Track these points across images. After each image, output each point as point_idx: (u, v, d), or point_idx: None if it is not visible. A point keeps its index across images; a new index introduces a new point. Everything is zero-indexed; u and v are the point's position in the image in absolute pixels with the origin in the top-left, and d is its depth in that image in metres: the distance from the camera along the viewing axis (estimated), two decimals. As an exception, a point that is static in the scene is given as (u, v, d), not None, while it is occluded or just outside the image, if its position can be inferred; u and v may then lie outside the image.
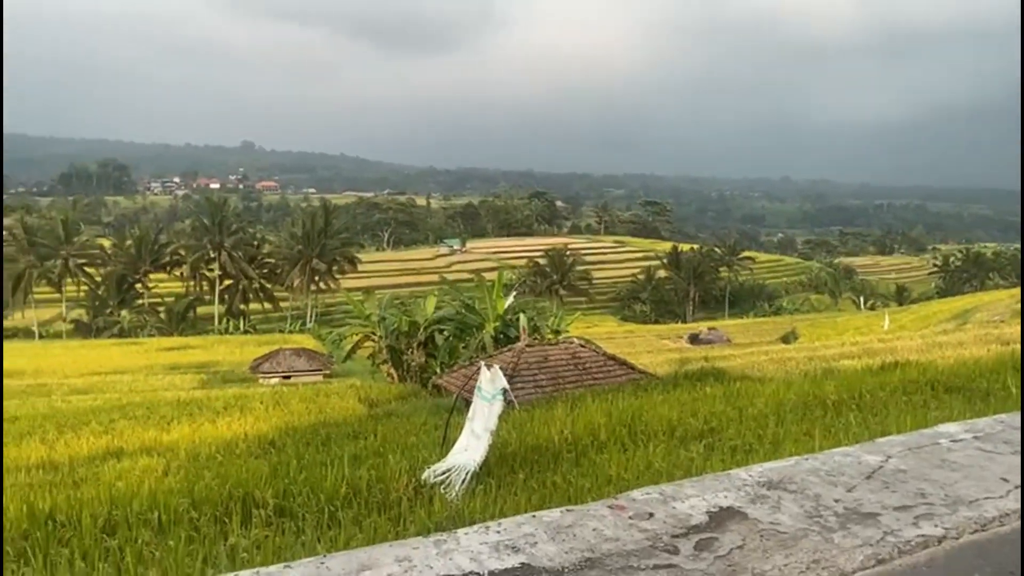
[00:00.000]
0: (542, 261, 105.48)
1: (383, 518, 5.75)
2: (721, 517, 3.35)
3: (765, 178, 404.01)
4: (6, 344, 67.24)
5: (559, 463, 7.31)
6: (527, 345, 18.23)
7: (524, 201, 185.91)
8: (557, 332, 28.30)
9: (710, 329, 67.86)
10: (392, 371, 29.68)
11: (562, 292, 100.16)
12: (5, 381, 39.43)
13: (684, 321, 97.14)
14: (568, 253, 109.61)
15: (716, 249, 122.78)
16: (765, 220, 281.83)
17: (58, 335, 78.68)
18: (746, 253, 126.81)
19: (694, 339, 60.74)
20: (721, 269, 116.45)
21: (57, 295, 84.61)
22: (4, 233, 79.56)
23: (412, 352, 28.57)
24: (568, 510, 3.47)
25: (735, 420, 8.56)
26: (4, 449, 15.99)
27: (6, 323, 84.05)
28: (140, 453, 13.88)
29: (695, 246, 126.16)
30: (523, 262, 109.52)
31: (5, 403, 28.69)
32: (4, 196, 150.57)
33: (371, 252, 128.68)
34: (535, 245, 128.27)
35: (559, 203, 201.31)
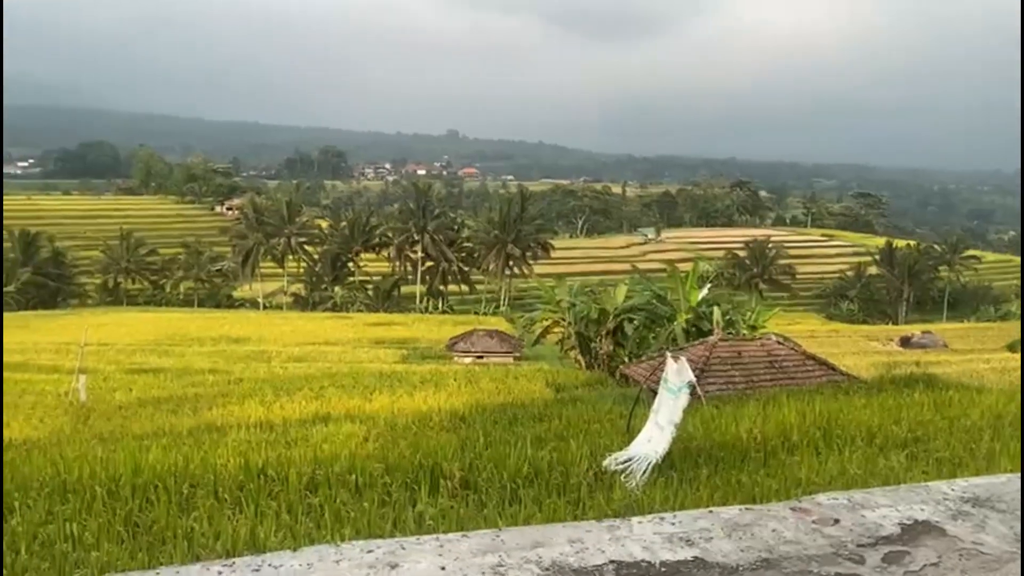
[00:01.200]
0: (742, 253, 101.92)
1: (562, 500, 5.83)
2: (915, 531, 3.11)
3: (998, 171, 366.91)
4: (237, 312, 74.29)
5: (746, 462, 7.08)
6: (720, 339, 17.75)
7: (725, 190, 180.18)
8: (754, 328, 27.30)
9: (924, 332, 62.78)
10: (579, 357, 29.90)
11: (762, 286, 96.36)
12: (234, 346, 43.66)
13: (895, 323, 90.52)
14: (770, 245, 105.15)
15: (936, 246, 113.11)
16: (995, 216, 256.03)
17: (279, 307, 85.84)
18: (971, 252, 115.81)
19: (906, 342, 56.47)
20: (940, 268, 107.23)
21: (280, 270, 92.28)
22: (222, 212, 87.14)
23: (600, 340, 28.63)
24: (747, 508, 3.36)
25: (944, 431, 7.90)
26: (230, 407, 17.75)
27: (237, 292, 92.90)
28: (344, 419, 14.89)
29: (912, 242, 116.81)
30: (721, 253, 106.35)
31: (234, 366, 31.80)
32: (235, 178, 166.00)
33: (564, 239, 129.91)
34: (735, 236, 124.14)
35: (763, 193, 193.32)
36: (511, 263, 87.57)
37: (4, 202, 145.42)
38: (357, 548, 2.86)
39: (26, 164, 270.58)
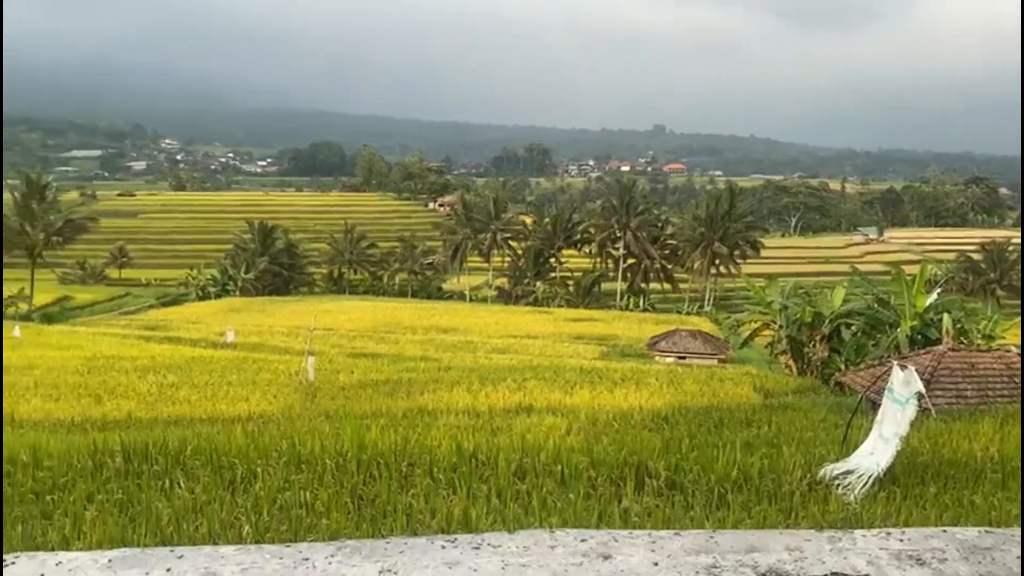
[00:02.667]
0: (976, 256, 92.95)
1: (773, 508, 5.62)
2: None
3: None
4: (445, 304, 77.76)
5: (980, 482, 6.48)
6: (950, 349, 16.33)
7: (958, 187, 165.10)
8: (990, 338, 24.87)
9: None
10: (791, 362, 28.58)
11: (1000, 293, 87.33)
12: (442, 336, 45.75)
13: None
14: (1011, 248, 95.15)
15: None
16: None
17: (484, 300, 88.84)
18: None
19: None
20: None
21: (485, 264, 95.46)
22: (434, 208, 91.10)
23: (814, 345, 27.22)
24: (988, 531, 3.08)
25: None
26: (440, 392, 18.62)
27: (446, 285, 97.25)
28: (546, 411, 15.18)
29: None
30: (952, 256, 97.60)
31: (442, 354, 33.31)
32: (447, 176, 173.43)
33: (776, 237, 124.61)
34: (969, 237, 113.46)
35: (1003, 190, 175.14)
36: (717, 262, 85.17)
37: (247, 198, 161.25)
38: (571, 536, 2.91)
39: (264, 163, 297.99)
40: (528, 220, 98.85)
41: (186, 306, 73.89)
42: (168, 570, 2.55)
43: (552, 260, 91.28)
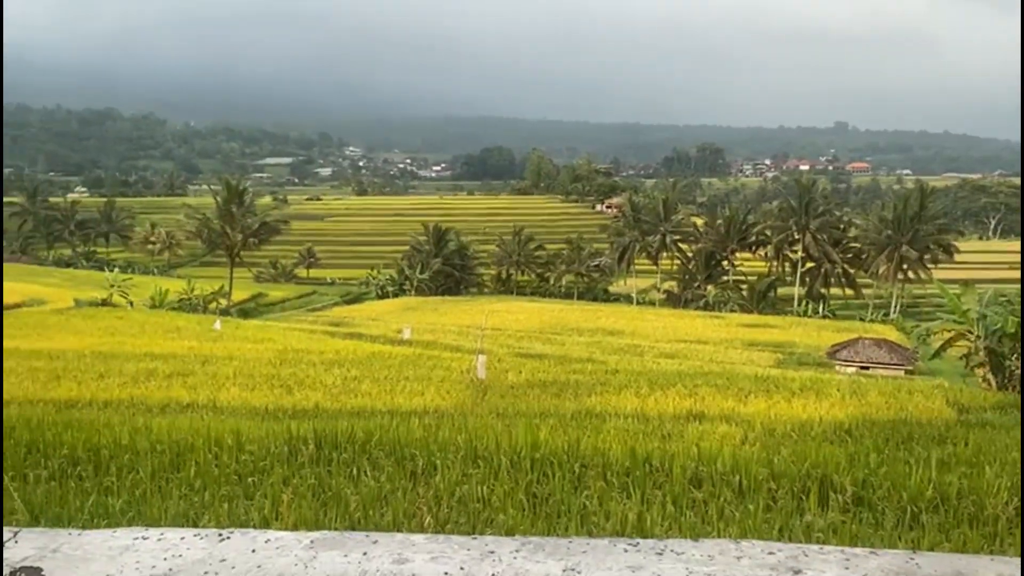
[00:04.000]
0: None
1: (975, 532, 5.20)
2: None
3: None
4: (612, 306, 77.46)
5: None
6: None
7: None
8: None
9: None
10: (989, 376, 26.30)
11: None
12: (609, 338, 45.59)
13: None
14: None
15: None
16: None
17: (651, 303, 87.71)
18: None
19: None
20: None
21: (653, 267, 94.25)
22: (602, 210, 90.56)
23: (1017, 358, 24.90)
24: None
25: None
26: (607, 396, 18.56)
27: (612, 287, 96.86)
28: (719, 419, 14.76)
29: None
30: None
31: (609, 357, 33.20)
32: (615, 177, 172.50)
33: (972, 240, 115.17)
34: None
35: None
36: (905, 266, 79.71)
37: (423, 201, 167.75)
38: (758, 548, 2.82)
39: (439, 168, 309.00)
40: (699, 222, 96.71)
41: (366, 304, 77.91)
42: (364, 554, 2.69)
43: (724, 263, 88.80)
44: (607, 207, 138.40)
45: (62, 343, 30.57)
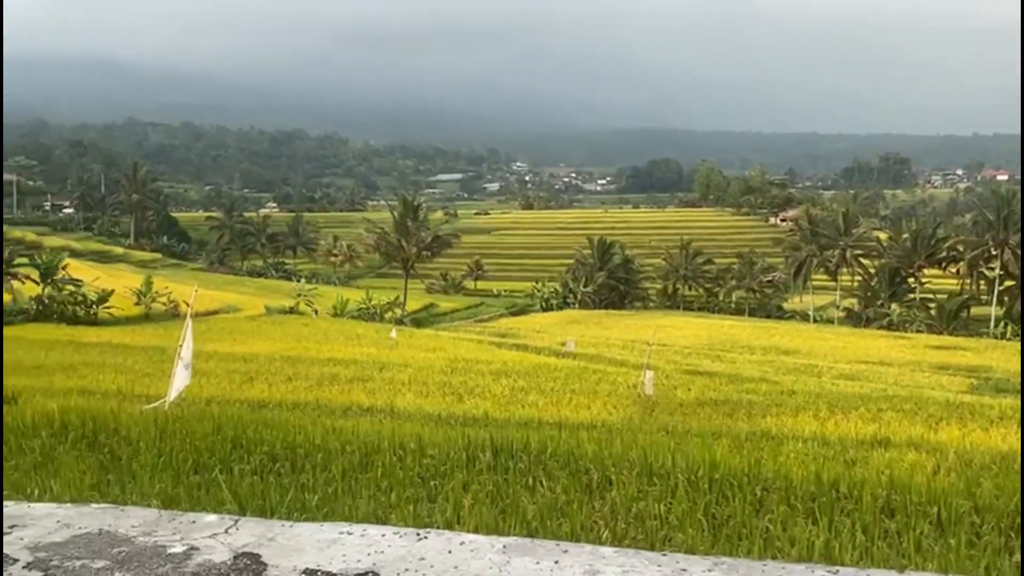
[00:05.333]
0: None
1: None
2: None
3: None
4: (786, 324, 74.40)
5: None
6: None
7: None
8: None
9: None
10: None
11: None
12: (783, 357, 43.77)
13: None
14: None
15: None
16: None
17: (829, 321, 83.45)
18: None
19: None
20: None
21: (832, 283, 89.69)
22: (776, 223, 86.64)
23: None
24: None
25: None
26: (783, 417, 17.83)
27: (787, 304, 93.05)
28: (907, 446, 13.82)
29: None
30: None
31: (783, 377, 31.88)
32: (790, 189, 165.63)
33: None
34: None
35: None
36: (1123, 286, 71.60)
37: (587, 215, 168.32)
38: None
39: (604, 181, 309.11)
40: (883, 236, 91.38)
41: (531, 316, 78.97)
42: (556, 562, 2.73)
43: (911, 280, 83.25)
44: (782, 220, 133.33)
45: (254, 347, 33.02)
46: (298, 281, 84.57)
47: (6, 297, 42.79)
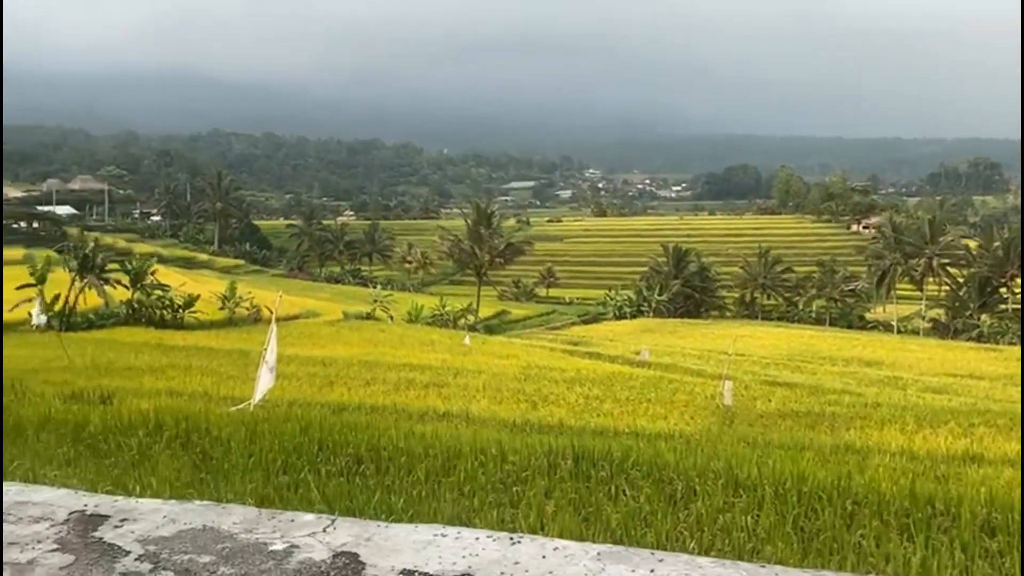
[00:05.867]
0: None
1: None
2: None
3: None
4: (869, 334, 72.17)
5: None
6: None
7: None
8: None
9: None
10: None
11: None
12: (866, 369, 42.45)
13: None
14: None
15: None
16: None
17: (915, 332, 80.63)
18: None
19: None
20: None
21: (917, 293, 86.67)
22: (858, 231, 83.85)
23: None
24: None
25: None
26: (868, 430, 17.30)
27: (870, 314, 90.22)
28: (1002, 463, 13.26)
29: None
30: None
31: (866, 389, 30.93)
32: (873, 196, 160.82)
33: None
34: None
35: None
36: None
37: (662, 222, 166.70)
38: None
39: (679, 188, 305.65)
40: (972, 244, 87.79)
41: (604, 324, 78.53)
42: (652, 571, 2.71)
43: (1002, 290, 79.79)
44: (864, 227, 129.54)
45: (333, 352, 33.72)
46: (374, 287, 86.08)
47: (99, 301, 44.68)
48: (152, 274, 47.77)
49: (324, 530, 3.17)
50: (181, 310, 46.09)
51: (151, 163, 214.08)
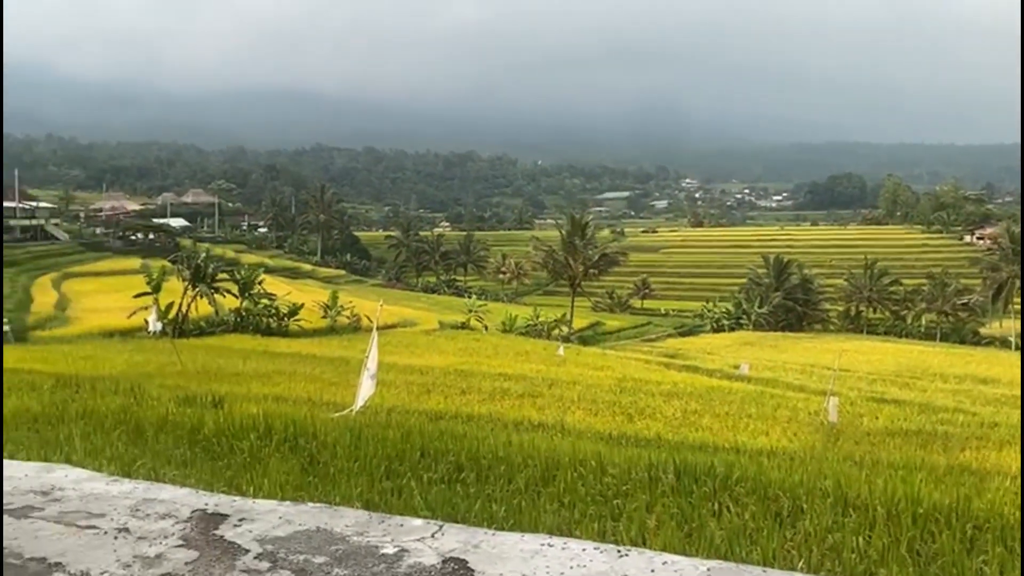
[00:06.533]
0: None
1: None
2: None
3: None
4: (984, 350, 68.47)
5: None
6: None
7: None
8: None
9: None
10: None
11: None
12: (981, 386, 40.26)
13: None
14: None
15: None
16: None
17: (1035, 348, 76.01)
18: None
19: None
20: None
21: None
22: (972, 242, 79.66)
23: None
24: None
25: None
26: (984, 451, 16.41)
27: (984, 329, 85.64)
28: None
29: None
30: None
31: (982, 408, 29.35)
32: (988, 205, 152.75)
33: None
34: None
35: None
36: None
37: (762, 232, 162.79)
38: None
39: (780, 197, 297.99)
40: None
41: (701, 337, 77.11)
42: (766, 589, 2.65)
43: None
44: (978, 238, 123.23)
45: (429, 360, 34.25)
46: (469, 297, 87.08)
47: (209, 309, 46.73)
48: (259, 284, 49.65)
49: (433, 535, 3.23)
50: (286, 318, 47.73)
51: (258, 177, 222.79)
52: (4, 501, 4.42)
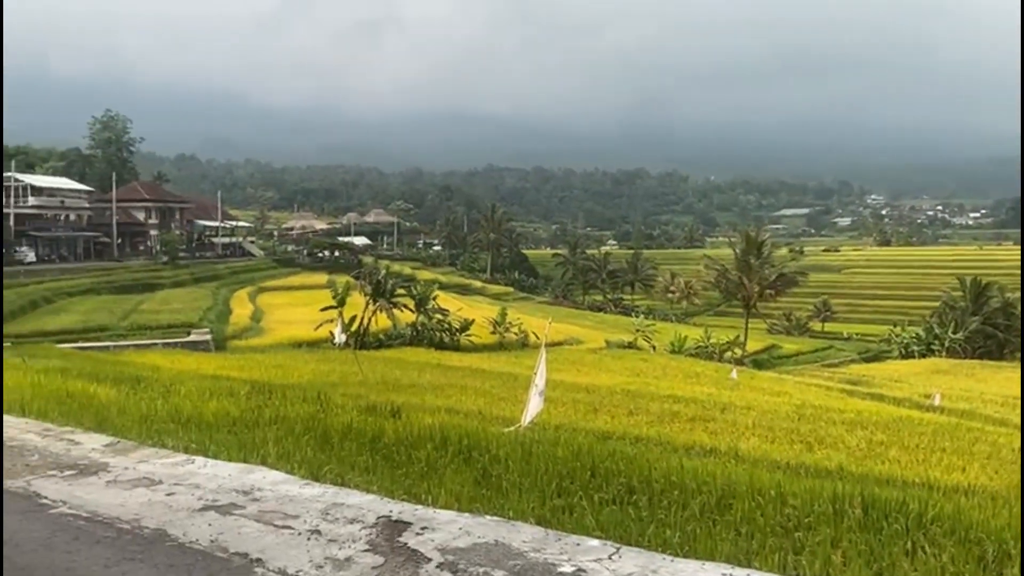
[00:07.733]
0: None
1: None
2: None
3: None
4: None
5: None
6: None
7: None
8: None
9: None
10: None
11: None
12: None
13: None
14: None
15: None
16: None
17: None
18: None
19: None
20: None
21: None
22: None
23: None
24: None
25: None
26: None
27: None
28: None
29: None
30: None
31: None
32: None
33: None
34: None
35: None
36: None
37: (957, 252, 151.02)
38: None
39: (977, 215, 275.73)
40: None
41: (886, 363, 72.26)
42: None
43: None
44: None
45: (596, 379, 34.15)
46: (636, 316, 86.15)
47: (388, 322, 48.96)
48: (434, 299, 51.49)
49: (610, 557, 3.20)
50: (458, 333, 49.19)
51: (434, 197, 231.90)
52: (210, 499, 4.79)
